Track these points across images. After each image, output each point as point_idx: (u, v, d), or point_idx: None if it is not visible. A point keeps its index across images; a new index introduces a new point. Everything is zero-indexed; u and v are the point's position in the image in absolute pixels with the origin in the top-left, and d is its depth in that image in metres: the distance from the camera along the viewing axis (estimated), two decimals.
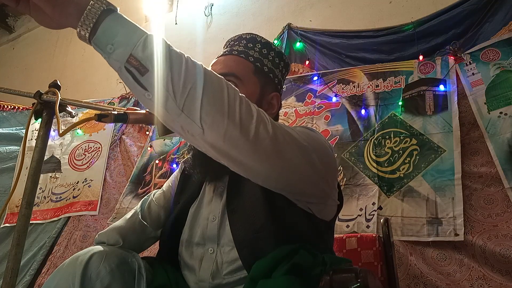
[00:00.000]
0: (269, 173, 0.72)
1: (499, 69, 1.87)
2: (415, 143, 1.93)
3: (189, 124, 0.62)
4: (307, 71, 2.48)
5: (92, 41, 0.61)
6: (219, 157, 0.68)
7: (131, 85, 0.63)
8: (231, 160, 0.68)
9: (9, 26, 5.10)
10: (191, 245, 0.91)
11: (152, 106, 0.63)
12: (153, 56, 0.61)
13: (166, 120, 0.65)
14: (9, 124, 3.37)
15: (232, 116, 0.63)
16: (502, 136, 1.73)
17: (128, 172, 2.90)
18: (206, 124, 0.62)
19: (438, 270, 1.61)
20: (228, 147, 0.65)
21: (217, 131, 0.63)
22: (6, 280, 0.80)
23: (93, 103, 1.03)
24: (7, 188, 3.07)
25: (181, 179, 1.05)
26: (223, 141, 0.64)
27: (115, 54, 0.60)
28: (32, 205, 0.86)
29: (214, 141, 0.64)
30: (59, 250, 2.69)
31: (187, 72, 0.62)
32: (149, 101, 0.63)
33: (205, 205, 0.94)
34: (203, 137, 0.63)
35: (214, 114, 0.62)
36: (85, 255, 0.76)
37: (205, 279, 0.84)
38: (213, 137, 0.63)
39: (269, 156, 0.69)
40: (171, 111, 0.62)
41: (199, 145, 0.67)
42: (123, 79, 0.63)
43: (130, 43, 0.60)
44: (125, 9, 4.30)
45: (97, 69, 3.98)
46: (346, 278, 0.64)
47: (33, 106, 0.88)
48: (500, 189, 1.64)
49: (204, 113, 0.62)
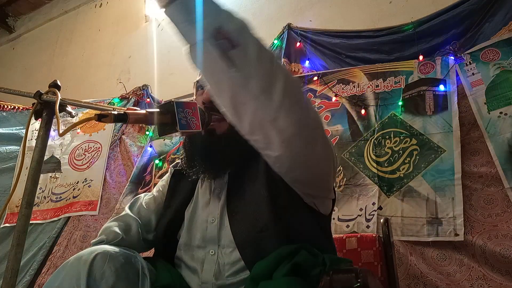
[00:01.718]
0: (308, 162, 0.75)
1: (499, 69, 1.87)
2: (415, 143, 1.93)
3: (265, 106, 0.63)
4: (307, 71, 2.48)
5: (171, 6, 0.57)
6: (275, 142, 0.68)
7: (213, 59, 0.60)
8: (285, 146, 0.69)
9: (9, 26, 5.09)
10: (191, 248, 0.90)
11: (230, 84, 0.63)
12: (243, 32, 0.60)
13: (240, 99, 0.65)
14: (9, 124, 3.37)
15: (306, 106, 0.66)
16: (502, 136, 1.73)
17: (128, 172, 2.90)
18: (283, 109, 0.63)
19: (438, 270, 1.61)
20: (296, 134, 0.67)
21: (292, 117, 0.64)
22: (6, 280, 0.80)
23: (93, 103, 1.03)
24: (7, 188, 3.06)
25: (171, 183, 1.05)
26: (294, 128, 0.65)
27: (201, 24, 0.57)
28: (32, 205, 0.86)
29: (285, 126, 0.65)
30: (59, 250, 2.69)
31: (272, 57, 0.63)
32: (229, 79, 0.62)
33: (201, 208, 0.94)
34: (274, 123, 0.64)
35: (292, 102, 0.64)
36: (89, 255, 0.75)
37: (208, 281, 0.84)
38: (286, 123, 0.64)
39: (318, 146, 0.73)
40: (252, 90, 0.62)
41: (262, 130, 0.67)
42: (205, 50, 0.59)
43: (219, 15, 0.58)
44: (125, 9, 4.29)
45: (97, 69, 3.98)
46: (346, 278, 0.64)
47: (33, 106, 0.88)
48: (500, 189, 1.64)
49: (286, 98, 0.63)
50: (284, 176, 0.81)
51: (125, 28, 3.97)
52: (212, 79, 0.65)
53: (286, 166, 0.76)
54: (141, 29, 3.80)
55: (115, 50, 3.94)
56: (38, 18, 4.94)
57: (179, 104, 0.81)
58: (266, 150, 0.73)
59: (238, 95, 0.64)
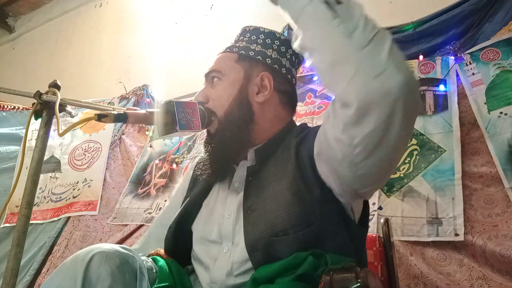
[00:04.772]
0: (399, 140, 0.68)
1: (499, 69, 1.87)
2: (415, 143, 1.93)
3: (372, 59, 0.62)
4: (307, 71, 2.48)
5: None
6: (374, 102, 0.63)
7: (320, 14, 0.66)
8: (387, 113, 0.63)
9: (9, 26, 5.09)
10: (207, 243, 0.89)
11: (335, 35, 0.65)
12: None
13: (343, 53, 0.65)
14: (9, 124, 3.37)
15: (407, 69, 0.64)
16: (502, 136, 1.72)
17: (128, 172, 2.90)
18: (392, 64, 0.62)
19: (438, 270, 1.61)
20: (401, 97, 0.62)
21: (401, 75, 0.61)
22: (6, 280, 0.80)
23: (93, 103, 1.03)
24: (7, 188, 3.06)
25: (193, 178, 1.06)
26: (400, 87, 0.61)
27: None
28: (32, 205, 0.86)
29: (391, 85, 0.61)
30: (59, 250, 2.68)
31: (375, 23, 0.65)
32: (333, 29, 0.65)
33: (220, 201, 0.92)
34: (380, 78, 0.61)
35: (400, 59, 0.64)
36: (86, 255, 0.75)
37: (218, 279, 0.83)
38: (394, 81, 0.61)
39: (413, 120, 0.71)
40: (357, 41, 0.63)
41: (369, 83, 0.63)
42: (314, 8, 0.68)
43: None
44: (125, 9, 4.28)
45: (97, 69, 3.98)
46: (346, 278, 0.63)
47: (33, 106, 0.88)
48: (500, 189, 1.64)
49: (393, 55, 0.62)
50: (358, 164, 0.70)
51: (125, 28, 3.96)
52: (315, 38, 0.69)
53: (373, 144, 0.67)
54: (141, 29, 3.80)
55: (115, 50, 3.94)
56: (38, 18, 4.94)
57: (179, 104, 0.81)
58: (356, 126, 0.65)
59: (342, 48, 0.65)
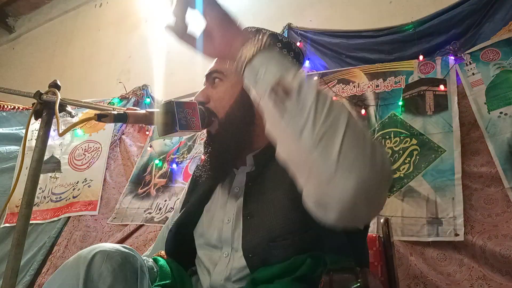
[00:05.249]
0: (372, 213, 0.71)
1: (499, 69, 1.87)
2: (415, 143, 1.93)
3: (322, 164, 0.57)
4: (307, 71, 2.48)
5: (249, 65, 0.66)
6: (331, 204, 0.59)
7: (270, 112, 0.63)
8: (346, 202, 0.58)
9: (9, 26, 5.09)
10: (209, 248, 0.89)
11: (285, 134, 0.61)
12: (302, 84, 0.60)
13: (295, 155, 0.61)
14: (9, 124, 3.37)
15: (372, 163, 0.57)
16: (502, 136, 1.73)
17: (128, 172, 2.90)
18: (342, 167, 0.56)
19: (438, 270, 1.61)
20: (356, 195, 0.57)
21: (353, 178, 0.56)
22: (6, 280, 0.80)
23: (93, 103, 1.03)
24: (7, 188, 3.06)
25: (193, 180, 1.06)
26: (355, 190, 0.56)
27: (266, 77, 0.63)
28: (32, 205, 0.86)
29: (344, 189, 0.56)
30: (59, 250, 2.68)
31: (331, 107, 0.59)
32: (283, 132, 0.61)
33: (220, 206, 0.92)
34: (332, 184, 0.56)
35: (353, 154, 0.56)
36: (88, 254, 0.75)
37: (216, 284, 0.83)
38: (346, 185, 0.56)
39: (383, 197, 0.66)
40: (306, 144, 0.58)
41: (321, 188, 0.59)
42: (264, 105, 0.64)
43: (281, 69, 0.63)
44: (125, 9, 4.28)
45: (97, 69, 3.98)
46: (346, 278, 0.64)
47: (33, 106, 0.88)
48: (500, 189, 1.64)
49: (343, 153, 0.56)
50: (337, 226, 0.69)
51: (125, 28, 3.96)
52: (272, 131, 0.64)
53: (345, 222, 0.64)
54: (141, 29, 3.80)
55: (115, 50, 3.95)
56: (38, 18, 4.94)
57: (179, 104, 0.81)
58: (320, 216, 0.62)
59: (294, 151, 0.60)
